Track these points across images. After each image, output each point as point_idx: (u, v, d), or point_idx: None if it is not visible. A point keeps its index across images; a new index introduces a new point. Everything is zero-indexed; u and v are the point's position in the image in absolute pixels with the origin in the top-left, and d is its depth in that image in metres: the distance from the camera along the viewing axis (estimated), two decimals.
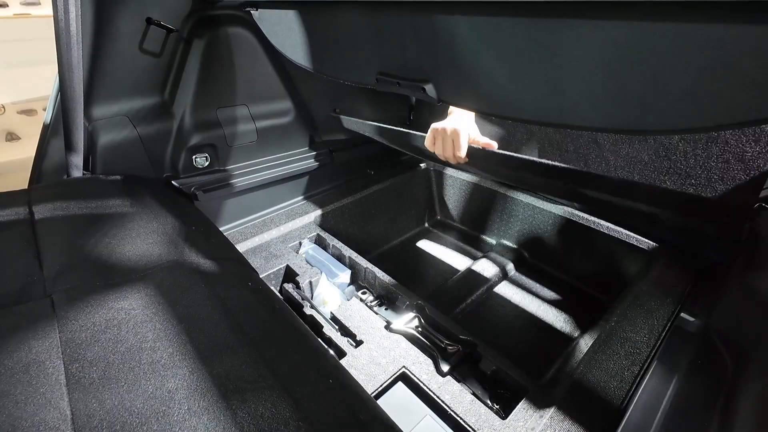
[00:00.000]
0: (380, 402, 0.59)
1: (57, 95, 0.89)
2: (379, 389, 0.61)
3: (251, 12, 0.90)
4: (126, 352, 0.43)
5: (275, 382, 0.42)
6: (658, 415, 0.43)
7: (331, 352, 0.55)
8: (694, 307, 0.61)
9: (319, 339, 0.55)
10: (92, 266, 0.58)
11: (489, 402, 0.61)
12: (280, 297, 0.62)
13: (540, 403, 0.54)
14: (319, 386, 0.44)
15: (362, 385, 0.47)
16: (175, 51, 0.95)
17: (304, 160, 1.13)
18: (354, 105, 1.44)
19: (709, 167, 0.73)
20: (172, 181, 0.96)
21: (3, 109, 3.78)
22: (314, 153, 1.18)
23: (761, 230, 0.65)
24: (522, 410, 0.54)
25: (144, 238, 0.66)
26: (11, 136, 3.24)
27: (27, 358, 0.41)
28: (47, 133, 0.90)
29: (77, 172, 0.87)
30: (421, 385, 0.61)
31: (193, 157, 0.99)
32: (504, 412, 0.58)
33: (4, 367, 0.40)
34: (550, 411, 0.52)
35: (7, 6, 5.78)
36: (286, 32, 0.86)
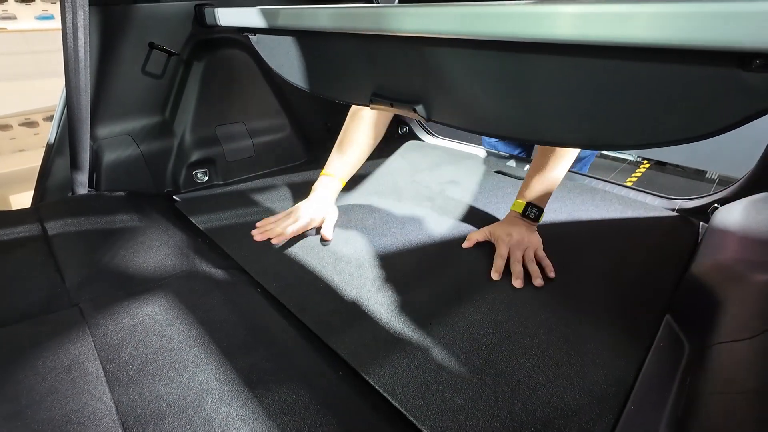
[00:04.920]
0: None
1: (61, 116, 0.92)
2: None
3: (249, 37, 0.96)
4: (156, 352, 0.48)
5: (294, 373, 0.48)
6: (626, 390, 0.50)
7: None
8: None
9: None
10: (112, 277, 0.62)
11: None
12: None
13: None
14: (332, 377, 0.49)
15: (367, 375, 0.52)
16: (175, 72, 1.01)
17: (299, 172, 1.18)
18: (344, 120, 1.51)
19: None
20: (174, 196, 1.00)
21: None
22: (309, 166, 1.24)
23: (712, 226, 0.74)
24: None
25: (156, 250, 0.70)
26: None
27: (67, 360, 0.45)
28: (51, 152, 0.93)
29: (82, 190, 0.91)
30: None
31: (194, 172, 1.04)
32: None
33: (47, 367, 0.44)
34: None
35: None
36: (283, 56, 0.92)
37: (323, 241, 0.80)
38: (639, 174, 3.25)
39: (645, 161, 3.40)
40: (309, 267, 0.71)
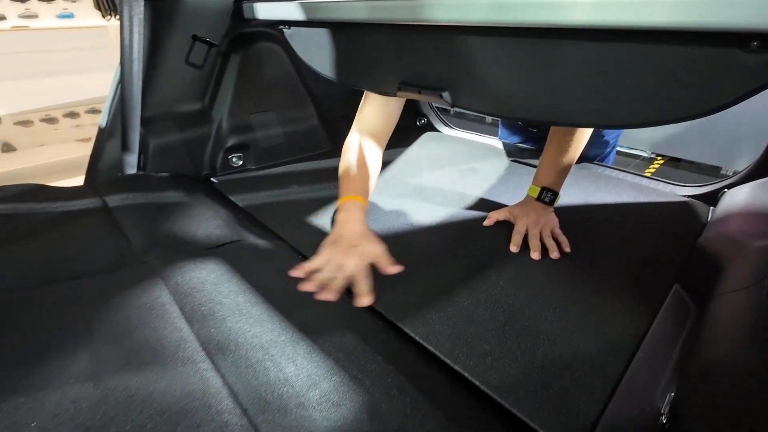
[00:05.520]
0: None
1: (112, 102, 1.01)
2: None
3: (284, 30, 1.03)
4: (221, 302, 0.55)
5: (340, 324, 0.54)
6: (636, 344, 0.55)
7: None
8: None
9: None
10: (171, 243, 0.69)
11: None
12: None
13: None
14: (373, 327, 0.56)
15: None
16: (214, 64, 1.08)
17: (324, 160, 1.25)
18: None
19: None
20: (211, 179, 1.08)
21: None
22: (332, 155, 1.31)
23: (719, 207, 0.79)
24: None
25: (206, 223, 0.78)
26: (7, 147, 3.32)
27: (149, 302, 0.52)
28: (103, 135, 1.01)
29: (131, 170, 0.99)
30: None
31: (229, 156, 1.11)
32: None
33: (133, 306, 0.51)
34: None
35: (5, 19, 5.88)
36: (315, 48, 0.99)
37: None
38: (653, 170, 3.26)
39: (659, 157, 3.41)
40: None
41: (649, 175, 1.11)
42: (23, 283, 0.55)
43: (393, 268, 0.66)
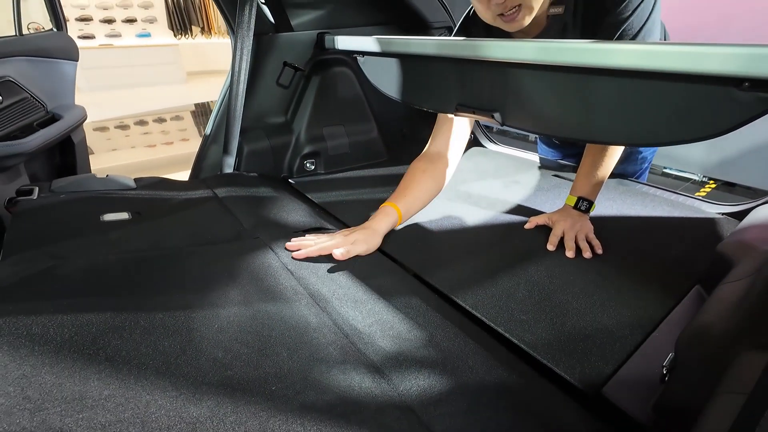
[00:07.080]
0: None
1: (216, 114, 1.24)
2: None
3: (358, 58, 1.23)
4: (318, 267, 0.72)
5: (407, 289, 0.70)
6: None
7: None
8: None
9: None
10: (272, 225, 0.88)
11: None
12: None
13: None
14: (430, 297, 0.71)
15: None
16: (298, 84, 1.30)
17: (381, 168, 1.42)
18: (417, 127, 1.74)
19: None
20: (289, 180, 1.28)
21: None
22: (388, 164, 1.48)
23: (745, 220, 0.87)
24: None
25: (294, 213, 0.97)
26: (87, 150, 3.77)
27: (266, 263, 0.70)
28: (207, 140, 1.25)
29: (228, 169, 1.21)
30: None
31: (304, 162, 1.32)
32: None
33: (255, 266, 0.70)
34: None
35: (94, 38, 6.64)
36: (383, 74, 1.17)
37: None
38: (703, 194, 3.18)
39: (711, 181, 3.31)
40: (404, 234, 0.94)
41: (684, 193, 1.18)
42: (178, 245, 0.75)
43: (341, 256, 0.76)
